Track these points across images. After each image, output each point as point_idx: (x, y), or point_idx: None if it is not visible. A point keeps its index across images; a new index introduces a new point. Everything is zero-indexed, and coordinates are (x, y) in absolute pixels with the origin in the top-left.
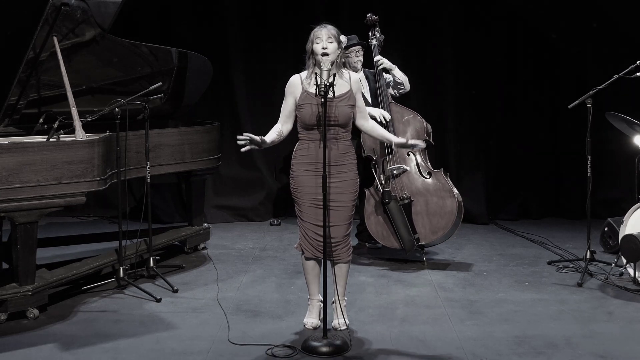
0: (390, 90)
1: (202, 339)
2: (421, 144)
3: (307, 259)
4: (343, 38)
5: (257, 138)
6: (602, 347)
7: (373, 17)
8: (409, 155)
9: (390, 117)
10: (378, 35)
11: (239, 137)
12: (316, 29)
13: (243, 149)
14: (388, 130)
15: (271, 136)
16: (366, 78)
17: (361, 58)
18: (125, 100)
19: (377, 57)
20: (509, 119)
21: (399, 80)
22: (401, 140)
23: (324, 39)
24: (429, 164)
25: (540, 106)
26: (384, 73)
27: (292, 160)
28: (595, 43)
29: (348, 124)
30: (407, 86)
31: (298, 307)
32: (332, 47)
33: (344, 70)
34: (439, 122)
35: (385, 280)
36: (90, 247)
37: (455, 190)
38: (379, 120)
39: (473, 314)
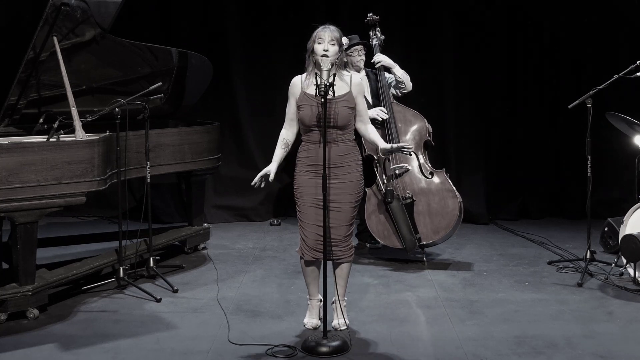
0: (392, 90)
1: (202, 339)
2: (408, 146)
3: (307, 263)
4: (345, 40)
5: (264, 173)
6: (602, 347)
7: (374, 17)
8: (410, 155)
9: (387, 115)
10: (379, 35)
11: (252, 184)
12: (319, 29)
13: (262, 186)
14: (390, 130)
15: (278, 157)
16: (367, 77)
17: (364, 57)
18: (125, 100)
19: (375, 57)
20: (509, 119)
21: (399, 79)
22: (386, 145)
23: (326, 41)
24: (429, 164)
25: (541, 106)
26: (385, 73)
27: (295, 162)
28: (596, 43)
29: (347, 126)
30: (409, 85)
31: (298, 307)
32: (332, 49)
33: (344, 72)
34: (439, 122)
35: (385, 280)
36: (90, 247)
37: (456, 190)
38: (379, 119)
39: (473, 314)
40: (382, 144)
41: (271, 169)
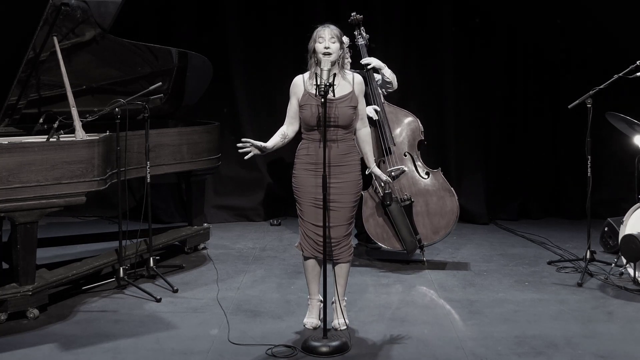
0: (378, 90)
1: (202, 339)
2: (388, 180)
3: (307, 258)
4: (346, 39)
5: (258, 143)
6: (602, 347)
7: (358, 16)
8: (406, 156)
9: (379, 109)
10: (364, 34)
11: (239, 144)
12: (319, 28)
13: (246, 157)
14: (384, 129)
15: (274, 140)
16: None
17: (349, 58)
18: (125, 100)
19: (365, 60)
20: (509, 119)
21: (387, 80)
22: (377, 171)
23: (327, 39)
24: (424, 163)
25: (540, 106)
26: (374, 74)
27: (294, 160)
28: (596, 44)
29: (349, 126)
30: (395, 85)
31: (298, 307)
32: (334, 47)
33: (347, 71)
34: (439, 122)
35: (385, 280)
36: (90, 247)
37: (452, 189)
38: (372, 117)
39: (473, 314)
40: (373, 167)
41: (264, 144)
